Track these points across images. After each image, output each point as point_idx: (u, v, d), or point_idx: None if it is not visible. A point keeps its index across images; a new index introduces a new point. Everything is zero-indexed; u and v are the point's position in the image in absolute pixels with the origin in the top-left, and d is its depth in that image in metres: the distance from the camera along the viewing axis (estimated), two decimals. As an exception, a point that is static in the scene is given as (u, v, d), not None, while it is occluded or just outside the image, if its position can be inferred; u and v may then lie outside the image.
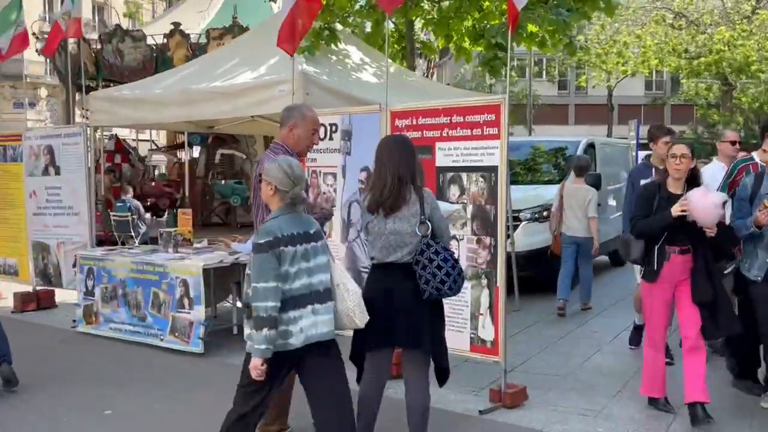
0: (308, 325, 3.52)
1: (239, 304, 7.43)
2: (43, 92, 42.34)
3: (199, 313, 6.75)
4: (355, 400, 4.05)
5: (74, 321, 7.86)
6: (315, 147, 4.45)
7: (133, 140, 22.62)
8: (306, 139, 4.36)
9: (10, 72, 39.62)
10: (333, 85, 7.20)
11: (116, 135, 15.02)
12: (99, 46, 14.93)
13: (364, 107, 6.30)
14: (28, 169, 8.75)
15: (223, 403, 5.37)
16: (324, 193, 6.25)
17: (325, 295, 3.62)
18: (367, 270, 5.35)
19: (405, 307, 3.86)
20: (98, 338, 7.41)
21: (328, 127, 6.32)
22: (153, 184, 17.43)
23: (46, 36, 9.17)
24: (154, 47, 14.34)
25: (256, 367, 3.42)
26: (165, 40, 14.17)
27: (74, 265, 8.05)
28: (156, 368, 6.47)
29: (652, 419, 4.95)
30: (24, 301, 8.72)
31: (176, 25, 14.20)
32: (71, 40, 10.92)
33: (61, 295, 8.91)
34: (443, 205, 4.23)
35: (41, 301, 8.84)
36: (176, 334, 6.89)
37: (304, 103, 5.46)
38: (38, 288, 8.85)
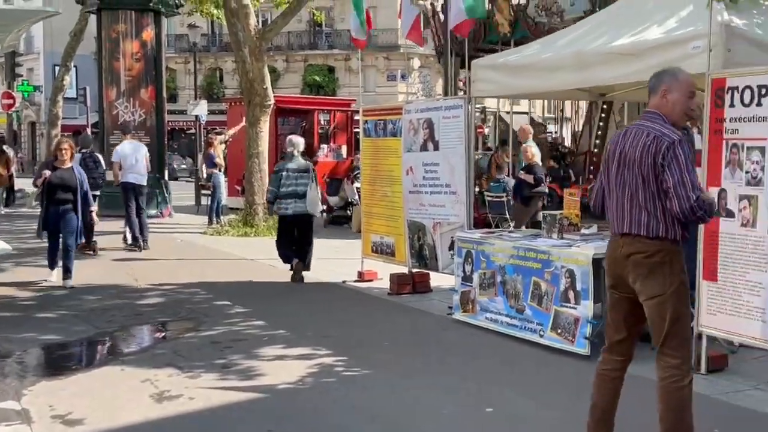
0: (293, 206, 10.18)
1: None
2: (415, 63, 45.23)
3: (586, 309, 6.54)
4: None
5: (450, 308, 8.11)
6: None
7: (506, 113, 22.95)
8: (681, 104, 4.36)
9: (385, 43, 42.91)
10: (765, 38, 6.44)
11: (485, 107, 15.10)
12: (525, 1, 14.98)
13: (810, 63, 5.51)
14: (406, 144, 9.10)
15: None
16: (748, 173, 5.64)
17: (302, 195, 10.18)
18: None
19: None
20: (473, 327, 7.56)
21: (756, 90, 5.68)
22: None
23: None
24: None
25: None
26: None
27: (450, 248, 8.33)
28: (539, 367, 6.40)
29: None
30: (400, 284, 9.21)
31: None
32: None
33: (435, 279, 9.27)
34: None
35: (416, 285, 9.23)
36: (559, 331, 6.74)
37: (673, 66, 5.09)
38: (413, 270, 9.27)
